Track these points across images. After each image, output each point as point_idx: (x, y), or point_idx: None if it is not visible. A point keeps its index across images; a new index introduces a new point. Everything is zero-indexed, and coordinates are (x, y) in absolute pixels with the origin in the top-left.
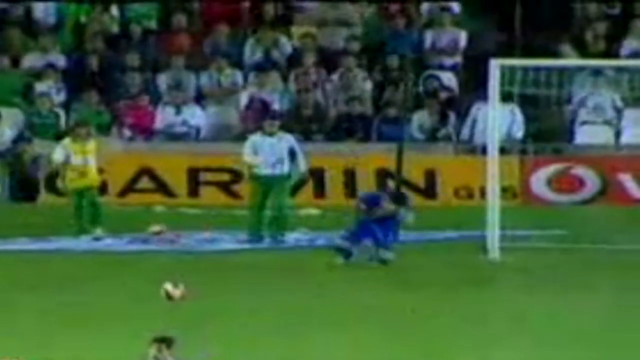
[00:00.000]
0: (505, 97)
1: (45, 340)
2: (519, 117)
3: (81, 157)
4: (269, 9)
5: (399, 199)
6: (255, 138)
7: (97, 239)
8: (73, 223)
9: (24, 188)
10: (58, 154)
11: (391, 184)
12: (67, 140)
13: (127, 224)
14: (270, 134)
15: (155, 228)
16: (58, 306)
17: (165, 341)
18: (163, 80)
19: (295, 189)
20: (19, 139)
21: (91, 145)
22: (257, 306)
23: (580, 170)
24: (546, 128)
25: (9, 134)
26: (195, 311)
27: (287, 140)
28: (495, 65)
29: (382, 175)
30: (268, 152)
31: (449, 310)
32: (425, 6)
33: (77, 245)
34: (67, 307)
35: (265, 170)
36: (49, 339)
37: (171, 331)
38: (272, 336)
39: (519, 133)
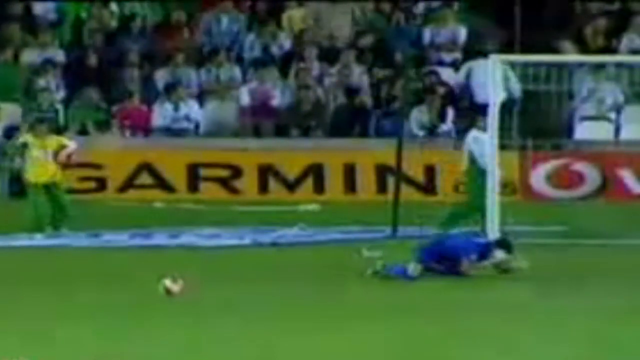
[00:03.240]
0: None
1: (46, 336)
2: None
3: (42, 151)
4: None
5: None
6: (481, 135)
7: (99, 236)
8: (29, 219)
9: (19, 184)
10: (20, 139)
11: None
12: (27, 135)
13: (127, 220)
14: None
15: None
16: (59, 302)
17: None
18: (162, 76)
19: None
20: (9, 132)
21: (52, 141)
22: (257, 302)
23: (579, 166)
24: (546, 124)
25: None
26: (195, 307)
27: None
28: (495, 61)
29: (382, 170)
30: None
31: (450, 306)
32: (422, 2)
33: (77, 241)
34: (68, 302)
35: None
36: (49, 335)
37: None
38: (272, 333)
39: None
